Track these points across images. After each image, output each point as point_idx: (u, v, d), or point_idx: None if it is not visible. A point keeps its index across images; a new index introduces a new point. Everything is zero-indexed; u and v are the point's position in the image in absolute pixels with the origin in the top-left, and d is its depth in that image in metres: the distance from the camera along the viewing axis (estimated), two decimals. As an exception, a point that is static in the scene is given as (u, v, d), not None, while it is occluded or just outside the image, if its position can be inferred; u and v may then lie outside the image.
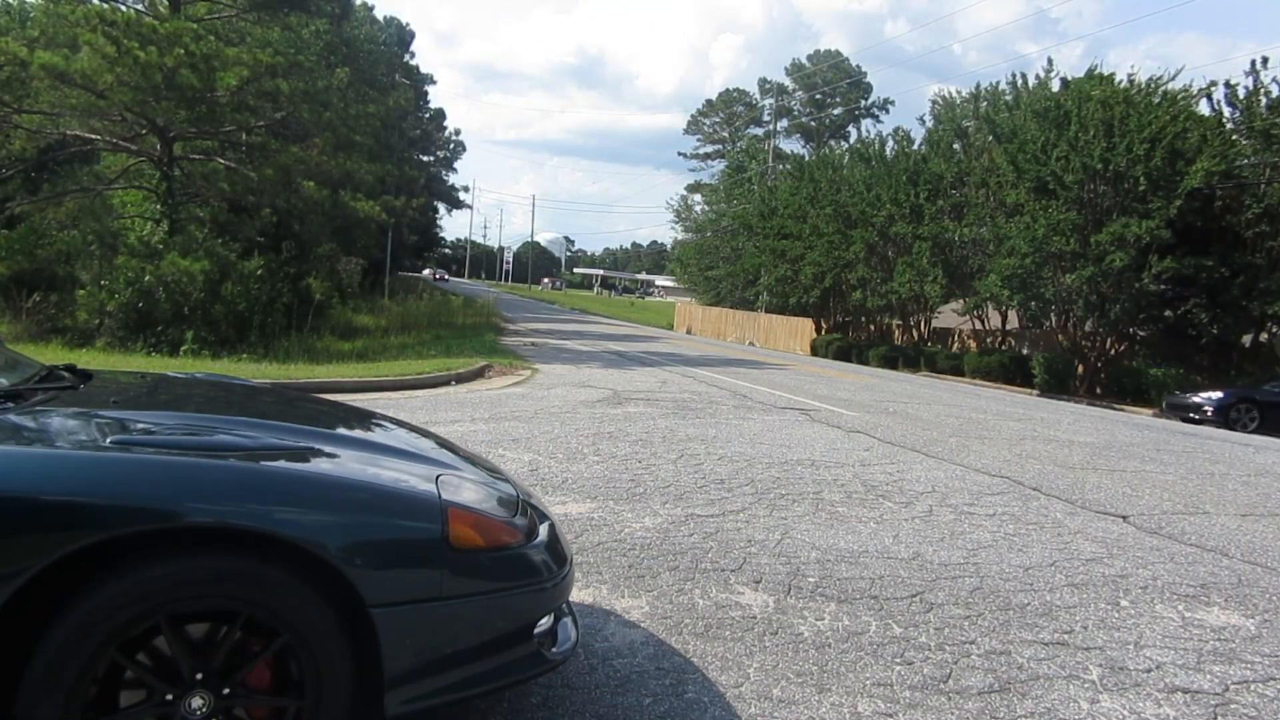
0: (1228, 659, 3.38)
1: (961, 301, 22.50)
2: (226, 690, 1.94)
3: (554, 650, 2.42)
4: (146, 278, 13.56)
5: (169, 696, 1.91)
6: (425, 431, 3.30)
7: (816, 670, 3.02)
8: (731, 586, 3.84)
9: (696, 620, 3.41)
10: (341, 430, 2.90)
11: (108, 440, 2.16)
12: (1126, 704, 2.92)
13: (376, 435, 2.95)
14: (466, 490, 2.43)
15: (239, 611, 1.95)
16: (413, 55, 47.85)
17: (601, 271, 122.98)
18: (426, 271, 78.95)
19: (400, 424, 3.26)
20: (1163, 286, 16.95)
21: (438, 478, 2.41)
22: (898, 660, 3.15)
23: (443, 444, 3.05)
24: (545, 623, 2.41)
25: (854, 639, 3.32)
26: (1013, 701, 2.87)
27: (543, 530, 2.48)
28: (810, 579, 4.01)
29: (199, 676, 1.92)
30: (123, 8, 15.43)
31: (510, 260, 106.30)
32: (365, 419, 3.28)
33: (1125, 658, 3.32)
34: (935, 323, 25.65)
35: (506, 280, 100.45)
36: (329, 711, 2.02)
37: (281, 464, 2.26)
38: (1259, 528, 5.75)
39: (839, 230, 26.15)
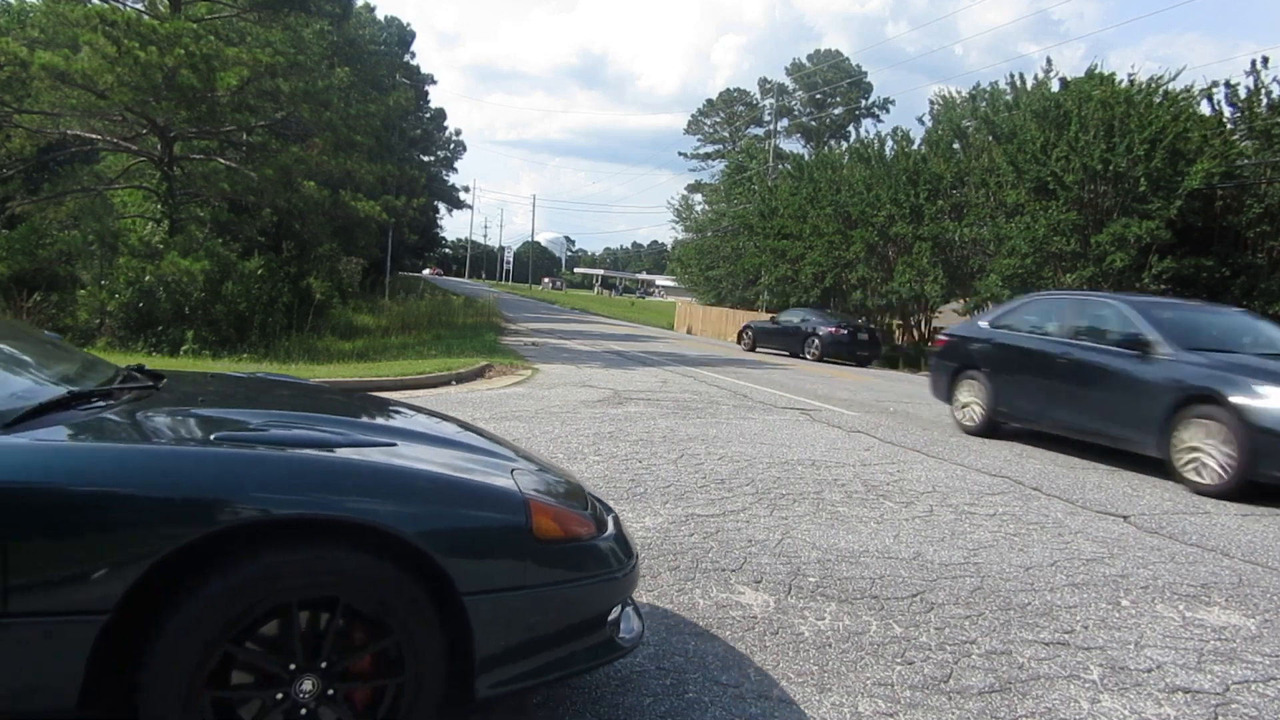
0: (1228, 659, 3.38)
1: (962, 301, 22.49)
2: (331, 672, 2.05)
3: (624, 638, 2.53)
4: (147, 277, 13.57)
5: (281, 681, 2.02)
6: (479, 428, 3.39)
7: (817, 670, 3.02)
8: (732, 586, 3.84)
9: (697, 620, 3.41)
10: (411, 426, 3.00)
11: (212, 437, 2.25)
12: (1127, 704, 2.92)
13: (444, 431, 3.05)
14: (539, 484, 2.55)
15: (340, 598, 2.05)
16: (413, 55, 47.89)
17: (602, 271, 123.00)
18: (426, 271, 79.00)
19: (450, 419, 3.35)
20: (1163, 287, 16.93)
21: (512, 471, 2.54)
22: (898, 660, 3.15)
23: (497, 440, 3.14)
24: (615, 612, 2.51)
25: (854, 639, 3.32)
26: (1013, 701, 2.87)
27: (610, 523, 2.61)
28: (811, 579, 4.01)
29: (306, 662, 2.03)
30: (123, 8, 15.43)
31: (510, 260, 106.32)
32: (426, 415, 3.39)
33: (1126, 657, 3.32)
34: (936, 322, 25.64)
35: (507, 280, 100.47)
36: (425, 691, 2.13)
37: (377, 459, 2.34)
38: (1260, 527, 5.75)
39: (839, 230, 26.14)
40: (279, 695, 2.00)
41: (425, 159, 55.66)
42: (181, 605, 1.91)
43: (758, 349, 23.90)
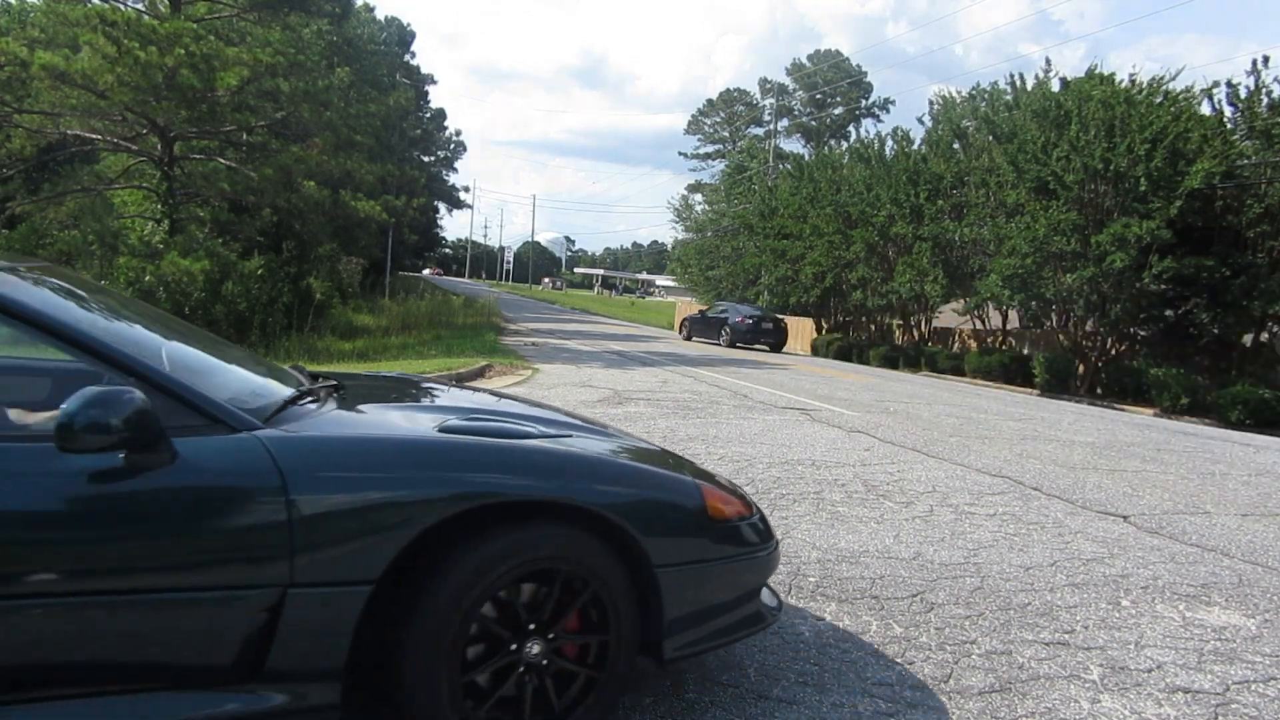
0: (1229, 659, 3.38)
1: (962, 301, 22.47)
2: (552, 635, 2.32)
3: (771, 609, 2.85)
4: (147, 277, 13.57)
5: (513, 645, 2.28)
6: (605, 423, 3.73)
7: (817, 670, 3.01)
8: (732, 586, 3.83)
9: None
10: (571, 420, 3.27)
11: (435, 429, 2.49)
12: (1127, 704, 2.92)
13: (590, 424, 3.32)
14: (699, 473, 2.86)
15: (560, 570, 2.30)
16: (413, 55, 47.90)
17: (602, 271, 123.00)
18: (426, 271, 78.97)
19: (577, 415, 3.67)
20: (1163, 286, 16.91)
21: (668, 462, 2.86)
22: (898, 660, 3.15)
23: (634, 436, 3.53)
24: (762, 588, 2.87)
25: (854, 639, 3.32)
26: (1013, 701, 2.87)
27: (755, 508, 2.89)
28: (811, 579, 4.01)
29: (534, 626, 2.29)
30: (123, 7, 15.44)
31: (511, 260, 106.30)
32: (552, 409, 3.61)
33: (1126, 657, 3.32)
34: (936, 323, 25.64)
35: (507, 280, 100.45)
36: (624, 652, 2.40)
37: (574, 450, 2.63)
38: (1260, 527, 5.75)
39: (839, 230, 26.11)
40: (510, 657, 2.27)
41: (425, 159, 55.65)
42: (444, 577, 2.16)
43: (693, 339, 27.47)
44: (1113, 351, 18.71)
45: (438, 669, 2.13)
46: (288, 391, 2.51)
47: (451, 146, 66.50)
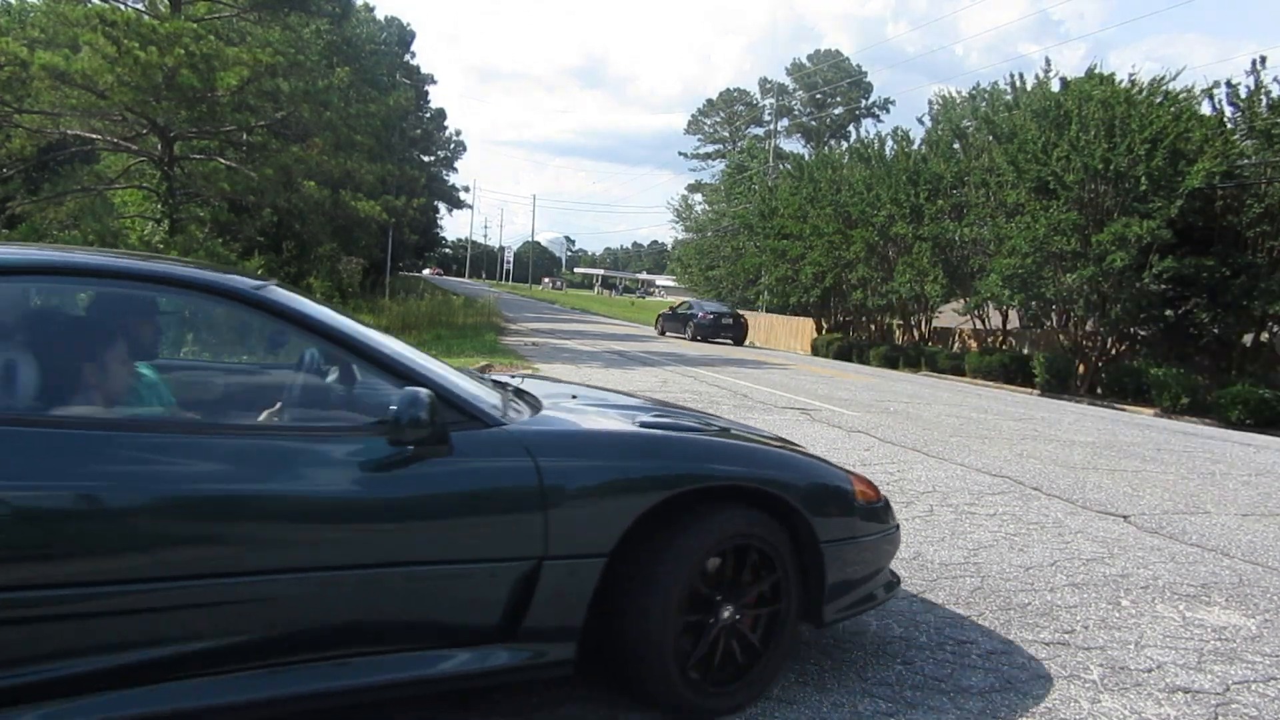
0: (1229, 659, 3.38)
1: (962, 301, 22.47)
2: (741, 602, 2.68)
3: (895, 581, 3.30)
4: (147, 277, 13.56)
5: (714, 610, 2.62)
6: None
7: (817, 670, 3.02)
8: (732, 586, 3.83)
9: (697, 620, 3.40)
10: (718, 419, 3.69)
11: (638, 423, 2.86)
12: (1127, 703, 2.92)
13: (737, 423, 3.75)
14: (838, 463, 3.29)
15: (751, 545, 2.67)
16: (413, 55, 47.88)
17: (602, 271, 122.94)
18: (426, 271, 78.94)
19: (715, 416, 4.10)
20: (1163, 286, 16.90)
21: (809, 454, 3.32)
22: (898, 660, 3.15)
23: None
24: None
25: (854, 639, 3.33)
26: (1013, 701, 2.87)
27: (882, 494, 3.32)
28: (811, 579, 4.00)
29: (728, 594, 2.65)
30: (123, 7, 15.43)
31: (511, 260, 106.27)
32: (697, 411, 4.15)
33: (1126, 657, 3.32)
34: (936, 322, 25.64)
35: (507, 280, 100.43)
36: (793, 618, 2.81)
37: (755, 443, 3.07)
38: (1260, 527, 5.75)
39: (839, 230, 26.10)
40: (711, 619, 2.60)
41: (425, 159, 55.60)
42: (666, 550, 2.51)
43: (666, 334, 29.95)
44: (1113, 351, 18.71)
45: (660, 631, 2.46)
46: (499, 393, 2.87)
47: (451, 146, 66.47)
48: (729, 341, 27.42)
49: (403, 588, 2.24)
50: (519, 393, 3.14)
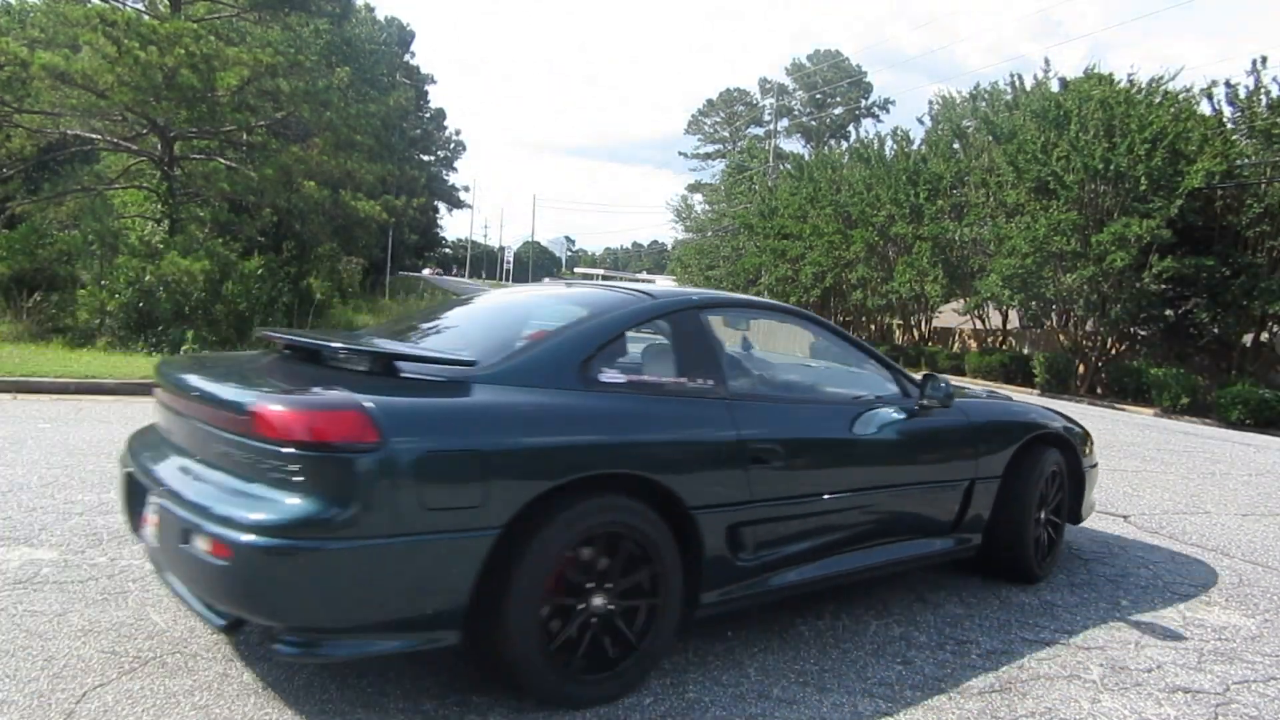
0: (1228, 658, 3.38)
1: (962, 301, 22.47)
2: (1049, 509, 4.28)
3: (1094, 504, 5.09)
4: (147, 277, 13.55)
5: (1042, 510, 4.28)
6: None
7: (817, 670, 3.02)
8: (732, 586, 3.83)
9: (697, 620, 3.40)
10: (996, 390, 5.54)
11: (986, 395, 4.76)
12: (1127, 703, 2.92)
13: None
14: None
15: (1060, 468, 4.33)
16: (413, 55, 47.81)
17: (602, 271, 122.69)
18: (426, 271, 78.90)
19: None
20: (1163, 286, 16.89)
21: None
22: (898, 660, 3.15)
23: None
24: None
25: (855, 638, 3.33)
26: (1013, 701, 2.87)
27: None
28: (811, 579, 4.00)
29: (1049, 505, 4.34)
30: (123, 8, 15.43)
31: (511, 260, 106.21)
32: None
33: (1126, 657, 3.32)
34: (936, 322, 25.64)
35: (507, 280, 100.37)
36: (1064, 519, 4.51)
37: (1034, 404, 4.66)
38: (1260, 527, 5.75)
39: (839, 230, 26.10)
40: (1045, 516, 4.31)
41: (425, 159, 55.55)
42: (1030, 472, 4.08)
43: None
44: (1113, 351, 18.70)
45: (1028, 517, 4.03)
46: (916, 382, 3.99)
47: (451, 146, 66.36)
48: None
49: (917, 498, 3.67)
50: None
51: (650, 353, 3.32)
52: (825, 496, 3.25)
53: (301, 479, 2.22)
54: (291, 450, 2.23)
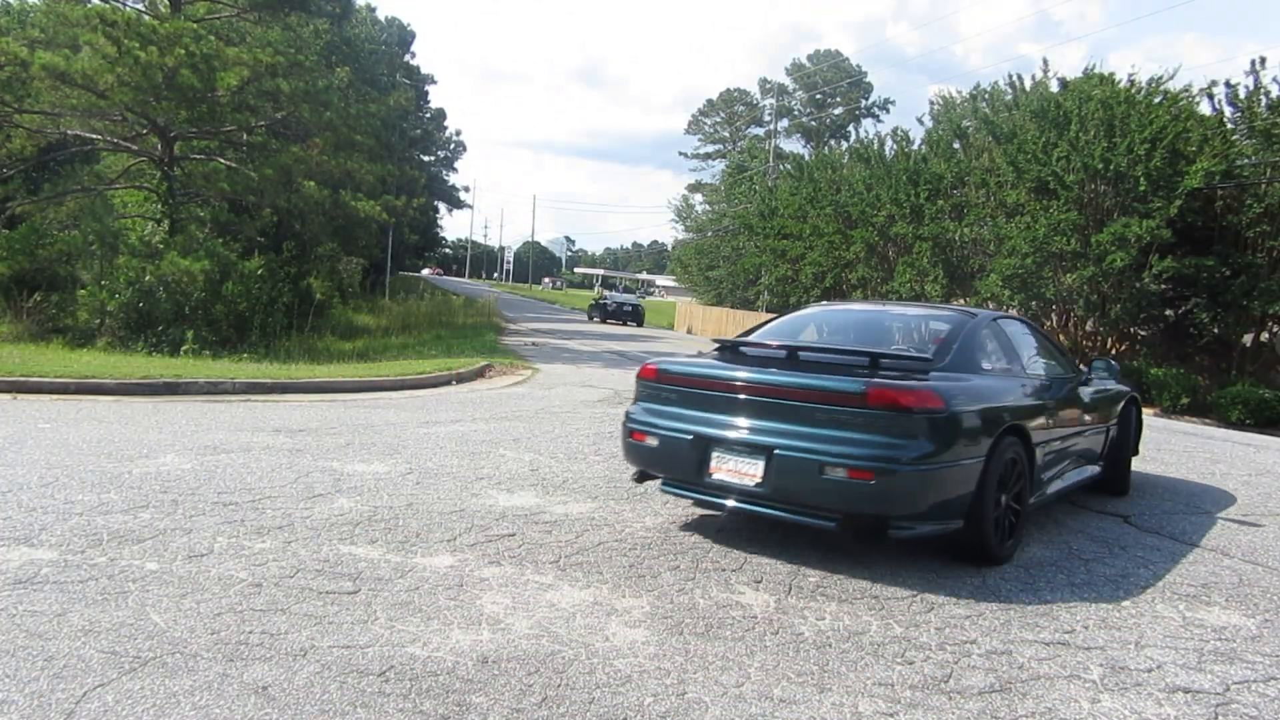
0: (1229, 659, 3.38)
1: (962, 301, 22.48)
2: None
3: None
4: (147, 277, 13.56)
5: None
6: None
7: (817, 670, 3.02)
8: (732, 586, 3.84)
9: (697, 620, 3.41)
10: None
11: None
12: (1127, 703, 2.92)
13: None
14: None
15: (1131, 415, 6.76)
16: (413, 55, 47.84)
17: (602, 271, 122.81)
18: (426, 271, 78.89)
19: None
20: (1163, 286, 16.88)
21: None
22: (898, 660, 3.15)
23: None
24: None
25: (855, 638, 3.33)
26: (1013, 701, 2.87)
27: None
28: (811, 578, 4.01)
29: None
30: (123, 8, 15.44)
31: (511, 260, 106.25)
32: None
33: (1126, 657, 3.32)
34: (936, 322, 25.62)
35: (507, 280, 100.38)
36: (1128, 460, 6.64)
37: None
38: (1260, 527, 5.74)
39: (839, 230, 26.09)
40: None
41: (425, 159, 55.58)
42: (1127, 419, 6.48)
43: (593, 319, 37.21)
44: (1113, 351, 18.69)
45: (1128, 451, 6.57)
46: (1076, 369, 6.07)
47: (451, 146, 66.42)
48: (634, 324, 36.19)
49: (1087, 440, 5.68)
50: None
51: (986, 348, 4.91)
52: (1069, 433, 5.31)
53: (901, 430, 3.82)
54: (893, 414, 3.83)
